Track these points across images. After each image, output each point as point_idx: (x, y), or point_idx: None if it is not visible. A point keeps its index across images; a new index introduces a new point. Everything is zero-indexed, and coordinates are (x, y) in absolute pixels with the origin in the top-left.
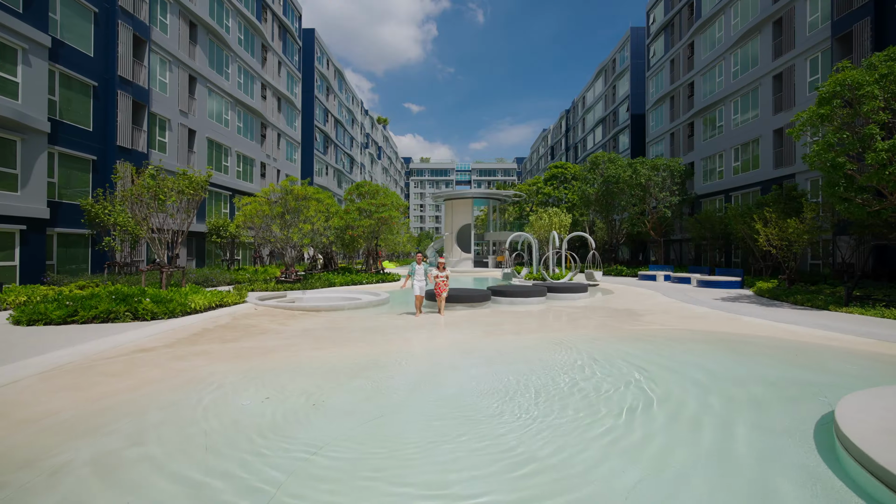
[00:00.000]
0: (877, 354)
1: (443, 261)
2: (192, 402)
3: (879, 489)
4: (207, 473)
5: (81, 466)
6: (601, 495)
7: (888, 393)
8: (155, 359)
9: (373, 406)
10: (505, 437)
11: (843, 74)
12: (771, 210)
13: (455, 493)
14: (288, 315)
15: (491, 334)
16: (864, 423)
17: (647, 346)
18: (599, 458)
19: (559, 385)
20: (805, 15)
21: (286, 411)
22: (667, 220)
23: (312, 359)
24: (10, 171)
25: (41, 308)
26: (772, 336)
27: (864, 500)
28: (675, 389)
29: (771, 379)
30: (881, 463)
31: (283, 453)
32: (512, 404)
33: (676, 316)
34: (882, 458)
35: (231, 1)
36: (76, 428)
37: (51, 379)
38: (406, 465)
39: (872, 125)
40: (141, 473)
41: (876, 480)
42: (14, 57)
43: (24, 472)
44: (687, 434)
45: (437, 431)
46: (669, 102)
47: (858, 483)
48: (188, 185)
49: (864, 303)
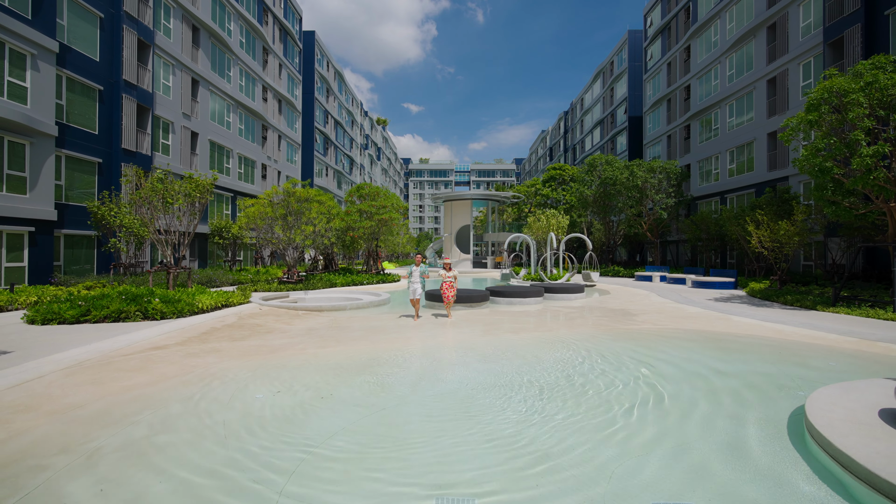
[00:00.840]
0: (857, 352)
1: (448, 261)
2: (209, 395)
3: (837, 470)
4: (230, 456)
5: (114, 451)
6: (582, 466)
7: (857, 387)
8: (169, 356)
9: (378, 399)
10: (499, 423)
11: (830, 82)
12: (763, 212)
13: (453, 471)
14: (292, 315)
15: (489, 333)
16: (829, 412)
17: (638, 343)
18: (585, 440)
19: (551, 378)
20: (798, 20)
21: (297, 403)
22: (663, 222)
23: (318, 356)
24: (20, 174)
25: (55, 308)
26: (758, 335)
27: (824, 480)
28: (659, 383)
29: (753, 374)
30: (838, 446)
31: (298, 439)
32: (508, 396)
33: (669, 316)
34: (839, 442)
35: (233, 4)
36: (103, 418)
37: (74, 374)
38: (409, 448)
39: (858, 131)
40: (169, 457)
41: (834, 462)
42: (23, 62)
43: (62, 457)
44: (667, 420)
45: (437, 420)
46: (666, 105)
47: (823, 464)
48: (195, 189)
49: (851, 303)
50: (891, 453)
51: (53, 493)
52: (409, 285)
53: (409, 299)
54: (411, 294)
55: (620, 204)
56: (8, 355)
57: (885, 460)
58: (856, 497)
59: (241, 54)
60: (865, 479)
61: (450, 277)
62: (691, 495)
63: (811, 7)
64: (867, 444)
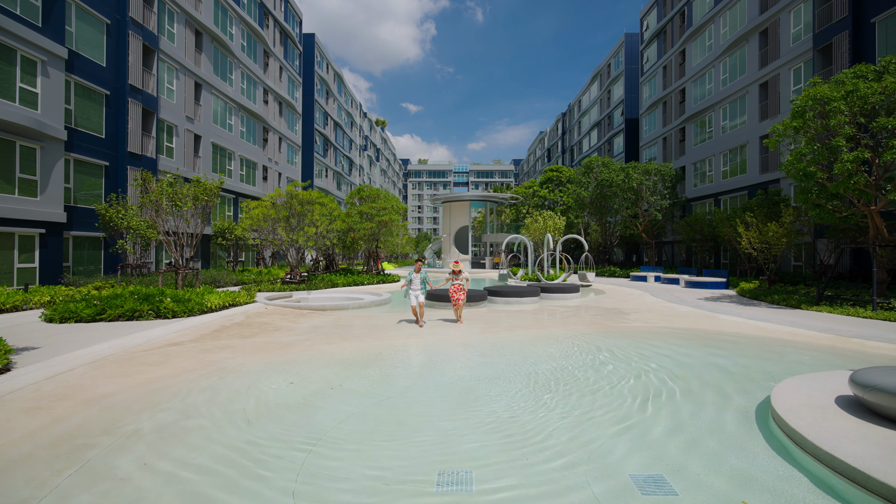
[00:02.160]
0: (832, 347)
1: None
2: (228, 386)
3: (790, 445)
4: (254, 436)
5: (150, 433)
6: (568, 444)
7: (820, 377)
8: (186, 352)
9: (383, 389)
10: (495, 409)
11: (814, 90)
12: (752, 215)
13: (453, 448)
14: (297, 314)
15: (487, 331)
16: (791, 399)
17: (627, 340)
18: (572, 424)
19: (544, 371)
20: (789, 26)
21: (310, 393)
22: (658, 223)
23: (325, 352)
24: (31, 177)
25: (72, 307)
26: (742, 332)
27: (778, 453)
28: (644, 374)
29: (732, 367)
30: (792, 426)
31: (313, 423)
32: (503, 386)
33: (660, 314)
34: (794, 422)
35: (235, 8)
36: (134, 406)
37: (100, 368)
38: (413, 430)
39: (839, 138)
40: (199, 437)
41: (788, 439)
42: (34, 69)
43: (106, 437)
44: (648, 405)
45: (438, 407)
46: (662, 107)
47: (780, 441)
48: (202, 192)
49: (834, 302)
50: (835, 430)
51: (104, 465)
52: (407, 293)
53: (411, 306)
54: (413, 301)
55: (616, 205)
56: (36, 350)
57: (829, 436)
58: (804, 466)
59: (243, 58)
60: (811, 451)
61: (459, 281)
62: (661, 467)
63: (801, 13)
64: (817, 423)
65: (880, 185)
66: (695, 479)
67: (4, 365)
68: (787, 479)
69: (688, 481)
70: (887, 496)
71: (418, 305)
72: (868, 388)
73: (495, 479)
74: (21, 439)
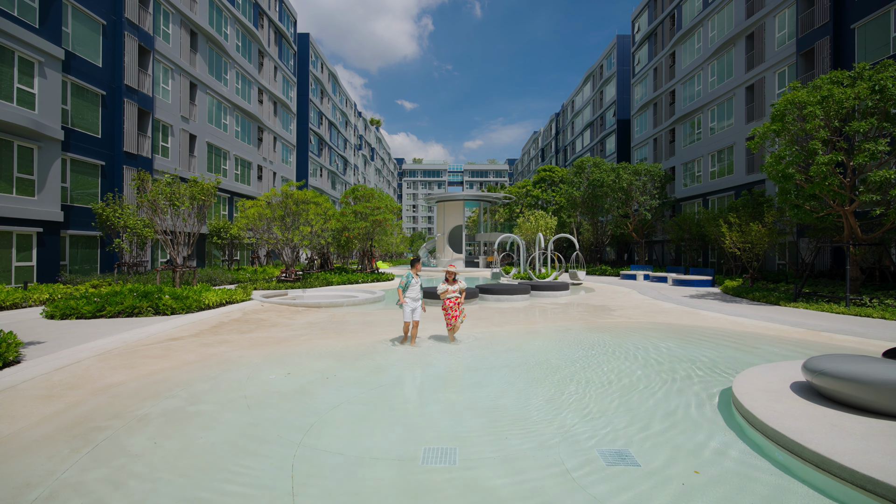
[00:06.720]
0: (802, 340)
1: (453, 269)
2: (229, 376)
3: (744, 425)
4: (256, 420)
5: (158, 417)
6: (544, 424)
7: (782, 366)
8: (186, 345)
9: (376, 378)
10: (479, 395)
11: (792, 94)
12: (735, 215)
13: (439, 427)
14: (292, 311)
15: (477, 326)
16: (751, 384)
17: (609, 334)
18: (551, 408)
19: (528, 362)
20: (774, 31)
21: (306, 382)
22: (648, 223)
23: (320, 346)
24: (28, 177)
25: (72, 304)
26: (720, 327)
27: (733, 429)
28: (621, 364)
29: (704, 358)
30: (747, 407)
31: (310, 408)
32: (488, 376)
33: (644, 311)
34: (749, 404)
35: (230, 8)
36: (141, 394)
37: (106, 360)
38: (402, 413)
39: (815, 141)
40: (205, 420)
41: (743, 420)
42: (31, 69)
43: (117, 421)
44: (622, 391)
45: (427, 393)
46: (653, 109)
47: (737, 422)
48: (199, 192)
49: (810, 298)
50: (783, 410)
51: (117, 444)
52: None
53: (404, 321)
54: (407, 316)
55: (608, 205)
56: (42, 344)
57: (775, 415)
58: (754, 441)
59: (238, 58)
60: (760, 428)
61: (455, 293)
62: (629, 443)
63: (786, 18)
64: (769, 405)
65: (854, 187)
66: (656, 453)
67: (15, 357)
68: (737, 451)
69: (650, 455)
70: (817, 463)
71: (412, 324)
72: (816, 373)
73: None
74: (39, 423)
